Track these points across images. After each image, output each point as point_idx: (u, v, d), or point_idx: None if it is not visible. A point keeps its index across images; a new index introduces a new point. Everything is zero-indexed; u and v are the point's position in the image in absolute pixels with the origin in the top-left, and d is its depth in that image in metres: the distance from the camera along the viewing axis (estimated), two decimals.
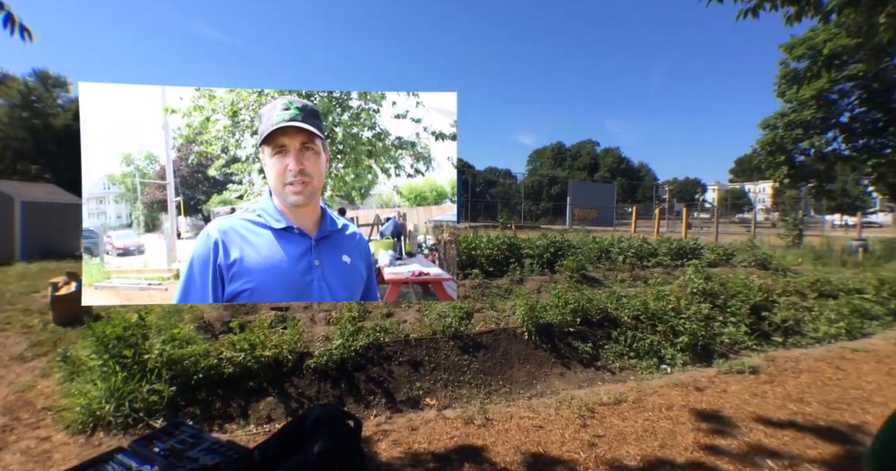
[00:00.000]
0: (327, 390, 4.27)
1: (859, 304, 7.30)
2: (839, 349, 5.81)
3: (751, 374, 4.83)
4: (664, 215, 23.78)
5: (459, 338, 4.94)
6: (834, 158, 21.33)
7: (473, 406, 4.09)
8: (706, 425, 3.73)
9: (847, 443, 3.52)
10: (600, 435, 3.53)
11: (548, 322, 5.19)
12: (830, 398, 4.32)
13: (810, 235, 16.46)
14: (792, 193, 21.97)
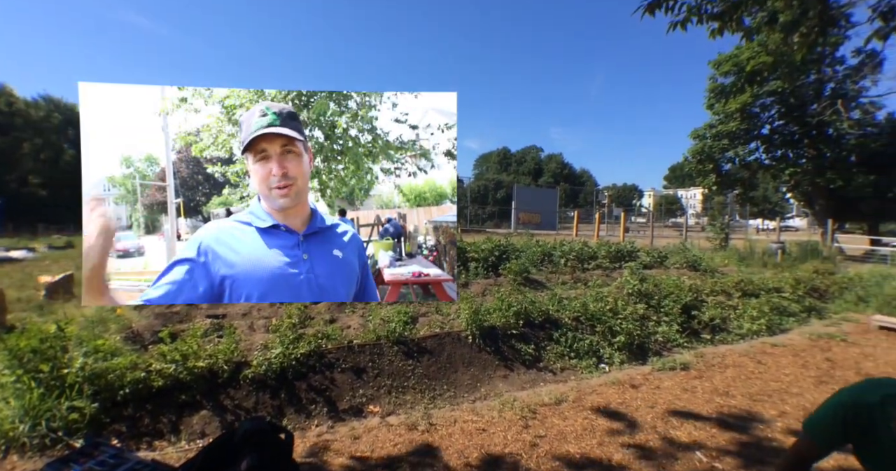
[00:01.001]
0: (266, 401, 4.10)
1: (778, 302, 7.87)
2: (760, 344, 6.22)
3: (682, 370, 5.08)
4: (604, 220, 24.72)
5: (404, 343, 4.89)
6: (756, 167, 23.03)
7: (417, 412, 4.05)
8: (640, 420, 3.88)
9: (768, 432, 3.77)
10: (542, 435, 3.59)
11: (492, 325, 5.24)
12: (753, 391, 4.61)
13: (736, 238, 17.61)
14: (720, 199, 23.44)
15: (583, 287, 7.65)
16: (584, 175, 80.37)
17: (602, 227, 20.92)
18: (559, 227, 29.06)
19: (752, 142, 22.43)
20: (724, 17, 3.99)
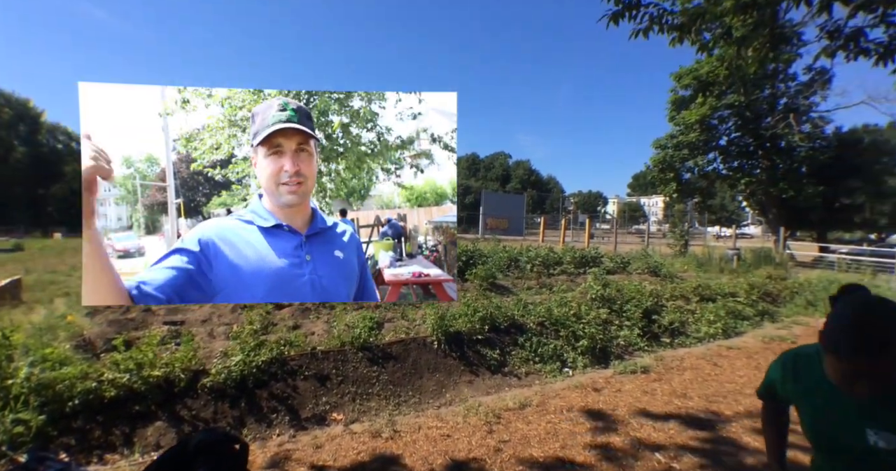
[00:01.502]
0: (225, 411, 3.98)
1: (733, 306, 8.17)
2: (717, 347, 6.44)
3: (642, 373, 5.20)
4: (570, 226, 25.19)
5: (369, 349, 4.84)
6: (714, 177, 23.93)
7: (382, 419, 4.01)
8: (603, 423, 3.95)
9: (724, 431, 3.89)
10: (506, 440, 3.61)
11: (457, 330, 5.24)
12: (709, 392, 4.76)
13: (695, 244, 18.21)
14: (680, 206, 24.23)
15: (548, 292, 7.75)
16: (551, 182, 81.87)
17: (568, 233, 21.30)
18: (526, 232, 29.41)
19: (711, 152, 23.33)
20: (683, 28, 4.13)
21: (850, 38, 3.86)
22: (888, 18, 3.69)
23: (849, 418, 1.22)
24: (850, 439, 1.21)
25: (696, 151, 22.80)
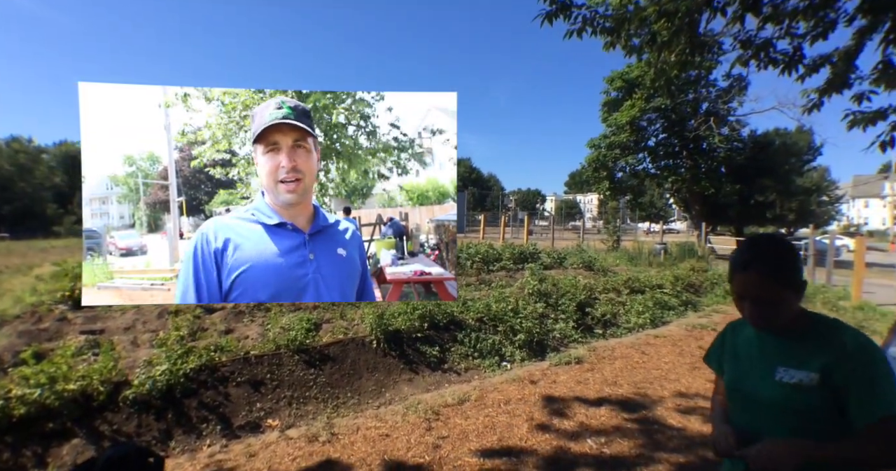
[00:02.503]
0: (150, 424, 3.75)
1: (660, 297, 8.66)
2: (645, 337, 6.80)
3: (576, 364, 5.40)
4: (509, 223, 25.75)
5: (305, 352, 4.72)
6: (644, 176, 25.26)
7: (319, 422, 3.92)
8: (538, 414, 4.07)
9: (651, 414, 4.12)
10: (444, 436, 3.63)
11: (397, 329, 5.22)
12: (637, 379, 5.02)
13: (626, 240, 19.13)
14: (613, 204, 25.45)
15: (487, 288, 7.88)
16: (492, 180, 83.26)
17: (507, 230, 21.74)
18: (467, 229, 29.69)
19: (641, 152, 24.61)
20: (613, 32, 4.30)
21: (761, 48, 4.13)
22: (792, 31, 3.99)
23: (762, 361, 1.31)
24: (761, 381, 1.29)
25: (627, 151, 23.97)
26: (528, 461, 3.31)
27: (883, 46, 3.37)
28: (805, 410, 1.21)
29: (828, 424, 1.20)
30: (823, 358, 1.19)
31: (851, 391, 1.16)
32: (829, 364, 1.18)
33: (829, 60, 3.91)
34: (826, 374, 1.18)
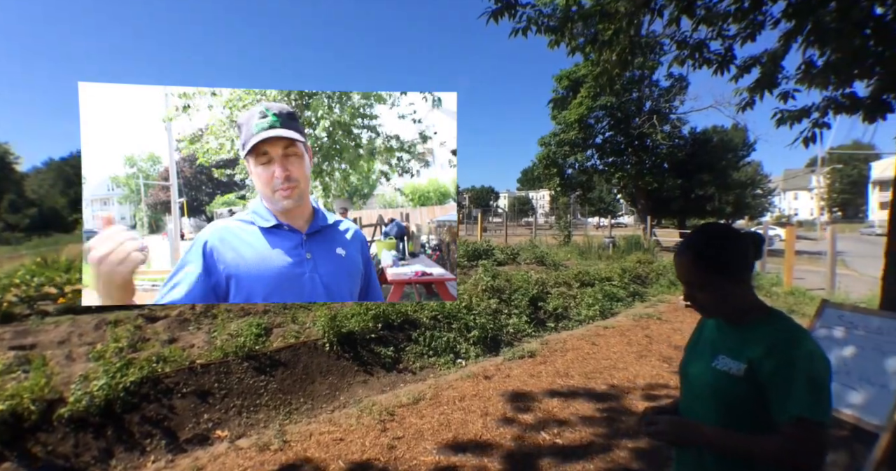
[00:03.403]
0: (88, 443, 3.54)
1: (609, 289, 8.96)
2: (595, 328, 7.02)
3: (529, 358, 5.52)
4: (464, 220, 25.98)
5: (255, 358, 4.58)
6: (592, 172, 26.03)
7: (271, 430, 3.82)
8: (493, 408, 4.13)
9: (600, 403, 4.26)
10: (400, 436, 3.63)
11: (350, 330, 5.15)
12: (588, 369, 5.18)
13: (577, 234, 19.72)
14: (564, 199, 26.12)
15: None
16: None
17: (462, 227, 21.94)
18: None
19: (589, 149, 25.32)
20: (557, 31, 4.38)
21: (695, 48, 4.29)
22: (724, 32, 4.18)
23: (709, 347, 1.36)
24: (702, 366, 1.34)
25: (577, 148, 24.61)
26: (484, 456, 3.36)
27: (803, 48, 3.59)
28: (732, 398, 1.23)
29: (754, 416, 1.21)
30: (753, 351, 1.21)
31: (771, 388, 1.17)
32: (756, 358, 1.20)
33: (759, 61, 4.10)
34: (752, 366, 1.20)
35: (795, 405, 1.12)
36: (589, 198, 29.79)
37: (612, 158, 24.81)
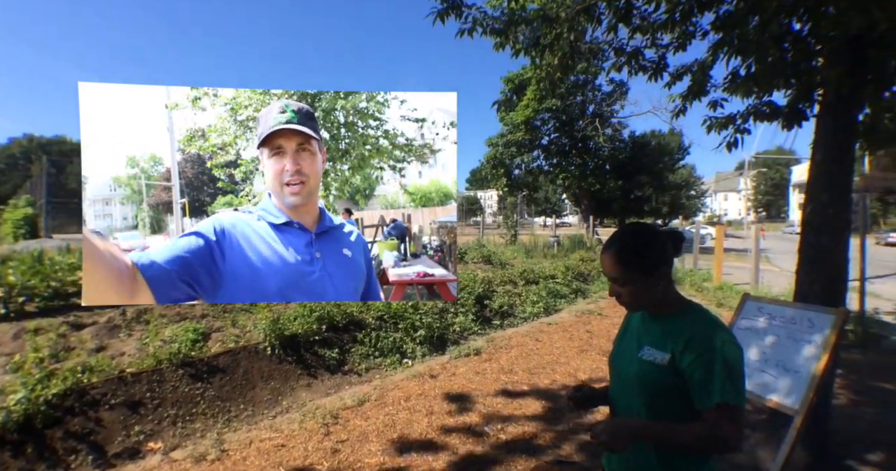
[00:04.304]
0: (6, 461, 3.27)
1: (553, 287, 9.23)
2: (539, 325, 7.21)
3: (475, 355, 5.60)
4: None
5: (191, 365, 4.39)
6: (538, 173, 26.62)
7: (208, 440, 3.67)
8: (438, 407, 4.16)
9: (542, 398, 4.38)
10: (343, 440, 3.59)
11: (293, 333, 5.03)
12: (531, 365, 5.31)
13: (524, 234, 20.12)
14: (511, 199, 26.55)
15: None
16: None
17: None
18: None
19: (535, 150, 25.91)
20: (502, 33, 4.45)
21: (632, 55, 4.46)
22: (658, 41, 4.38)
23: (636, 340, 1.42)
24: (630, 357, 1.41)
25: (523, 149, 25.12)
26: (429, 455, 3.39)
27: (727, 59, 3.82)
28: (658, 387, 1.31)
29: (679, 404, 1.28)
30: (676, 342, 1.29)
31: (692, 377, 1.24)
32: (677, 348, 1.28)
33: (690, 70, 4.31)
34: (675, 357, 1.28)
35: (715, 393, 1.20)
36: (535, 198, 30.52)
37: (557, 159, 25.49)
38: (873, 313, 7.37)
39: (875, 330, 6.70)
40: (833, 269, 3.27)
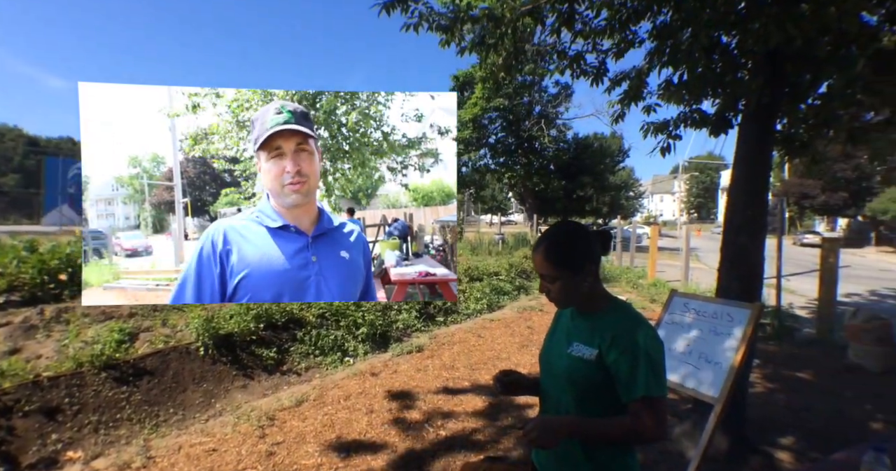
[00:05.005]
0: None
1: (497, 284, 9.40)
2: (482, 321, 7.33)
3: (417, 352, 5.62)
4: None
5: (115, 367, 4.14)
6: (485, 171, 26.97)
7: (134, 447, 3.48)
8: (378, 405, 4.15)
9: (483, 394, 4.45)
10: (279, 442, 3.50)
11: (229, 332, 4.84)
12: (473, 361, 5.39)
13: (470, 231, 20.37)
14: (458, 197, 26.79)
15: None
16: None
17: None
18: None
19: (483, 149, 26.24)
20: (448, 30, 4.44)
21: (574, 59, 4.56)
22: (598, 47, 4.51)
23: (565, 336, 1.46)
24: (559, 352, 1.45)
25: (471, 147, 25.37)
26: (368, 454, 3.37)
27: (659, 68, 4.00)
28: (586, 382, 1.35)
29: (606, 398, 1.33)
30: (603, 338, 1.34)
31: (617, 372, 1.28)
32: (604, 344, 1.33)
33: (628, 76, 4.48)
34: (602, 352, 1.33)
35: (639, 386, 1.26)
36: (482, 196, 30.87)
37: (504, 158, 25.92)
38: (788, 308, 8.01)
39: (790, 323, 7.29)
40: (751, 267, 3.51)
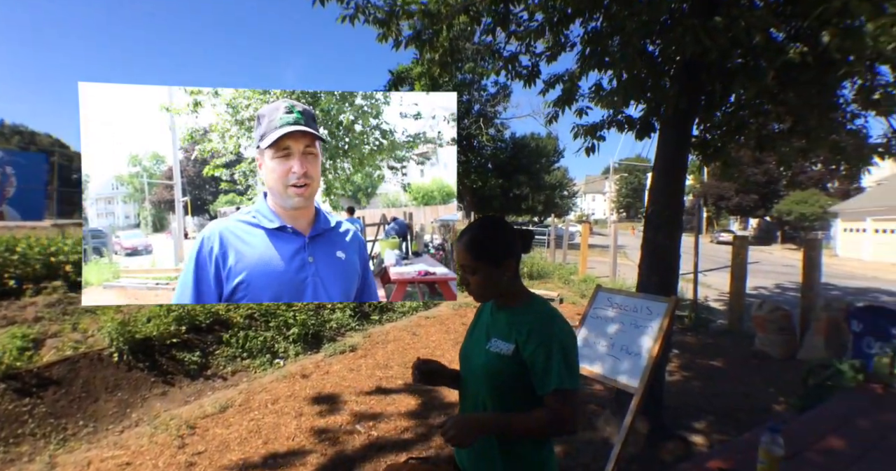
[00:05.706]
0: None
1: None
2: (418, 319, 7.36)
3: (350, 352, 5.56)
4: None
5: (16, 377, 3.80)
6: None
7: (37, 464, 3.22)
8: (308, 408, 4.06)
9: (416, 393, 4.46)
10: (200, 451, 3.35)
11: (146, 336, 4.56)
12: (407, 360, 5.40)
13: None
14: None
15: None
16: None
17: None
18: None
19: None
20: (385, 23, 4.39)
21: (509, 60, 4.64)
22: (532, 49, 4.61)
23: (485, 331, 1.49)
24: (478, 348, 1.47)
25: None
26: (295, 460, 3.30)
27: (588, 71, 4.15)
28: (504, 377, 1.38)
29: (523, 392, 1.37)
30: (519, 333, 1.37)
31: (533, 366, 1.34)
32: (521, 339, 1.36)
33: (561, 79, 4.61)
34: (518, 347, 1.36)
35: (554, 379, 1.30)
36: None
37: None
38: (704, 301, 8.64)
39: (705, 315, 7.88)
40: (668, 263, 3.76)
